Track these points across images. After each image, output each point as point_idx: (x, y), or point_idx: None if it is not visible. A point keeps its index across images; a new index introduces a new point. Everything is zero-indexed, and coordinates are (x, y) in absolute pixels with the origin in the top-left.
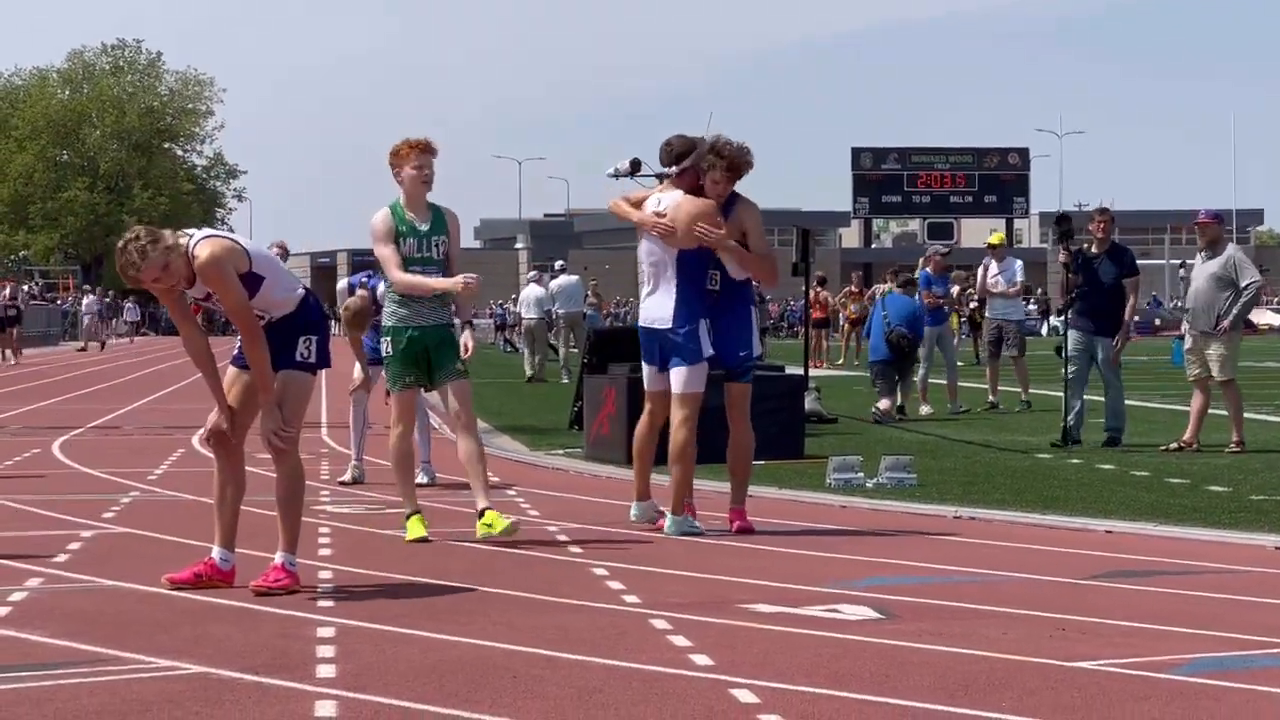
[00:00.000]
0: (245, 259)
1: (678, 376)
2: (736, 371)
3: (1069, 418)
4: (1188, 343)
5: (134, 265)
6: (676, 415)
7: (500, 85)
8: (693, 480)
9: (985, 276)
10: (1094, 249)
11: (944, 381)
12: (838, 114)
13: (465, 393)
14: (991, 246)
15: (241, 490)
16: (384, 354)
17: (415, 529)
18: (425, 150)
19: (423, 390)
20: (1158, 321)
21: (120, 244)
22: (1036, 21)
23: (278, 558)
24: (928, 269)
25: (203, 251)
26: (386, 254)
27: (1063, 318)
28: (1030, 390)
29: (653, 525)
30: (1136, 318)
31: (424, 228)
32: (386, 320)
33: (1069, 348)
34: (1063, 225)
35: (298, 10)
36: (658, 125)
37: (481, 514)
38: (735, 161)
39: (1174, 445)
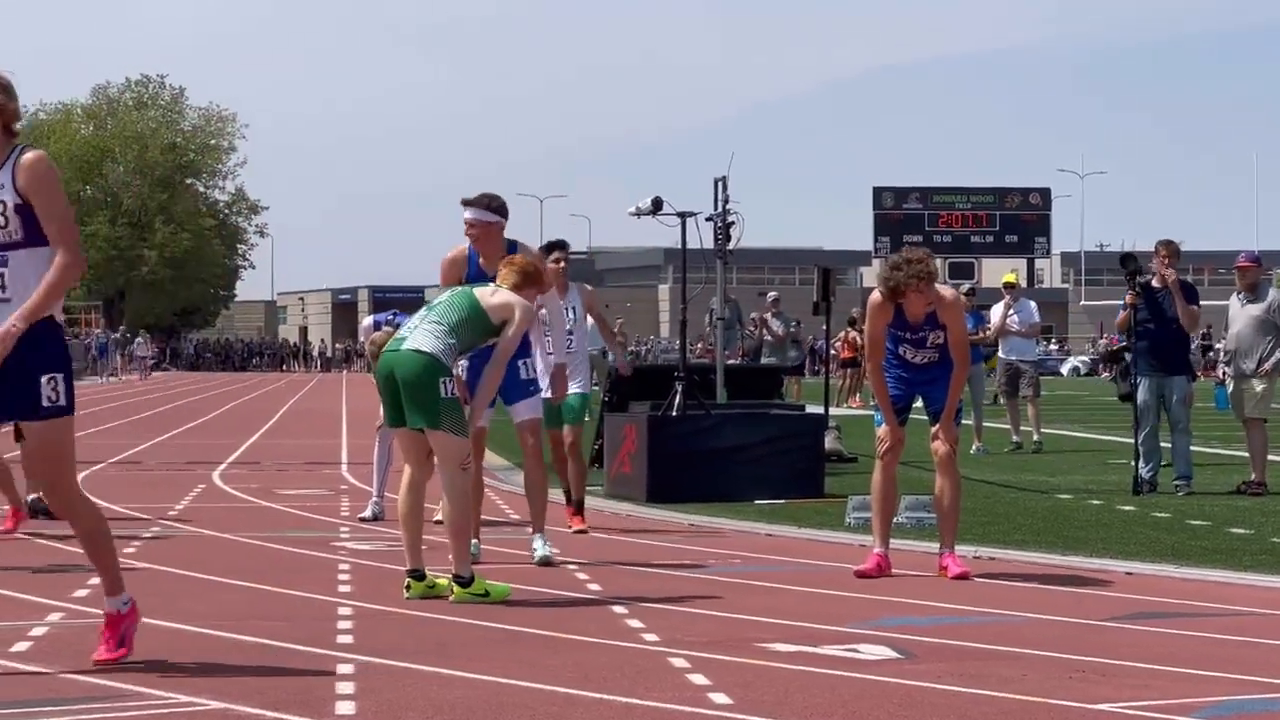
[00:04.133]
0: None
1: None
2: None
3: (1144, 467)
4: (1230, 386)
5: None
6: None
7: (522, 124)
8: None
9: (1002, 316)
10: (1156, 283)
11: (969, 422)
12: (859, 153)
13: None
14: (1007, 286)
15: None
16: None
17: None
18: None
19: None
20: None
21: None
22: (1058, 62)
23: (107, 605)
24: None
25: (34, 153)
26: None
27: (1115, 363)
28: (1043, 430)
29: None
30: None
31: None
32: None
33: (1141, 394)
34: (1129, 265)
35: (322, 48)
36: (680, 164)
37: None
38: (898, 287)
39: (1249, 485)
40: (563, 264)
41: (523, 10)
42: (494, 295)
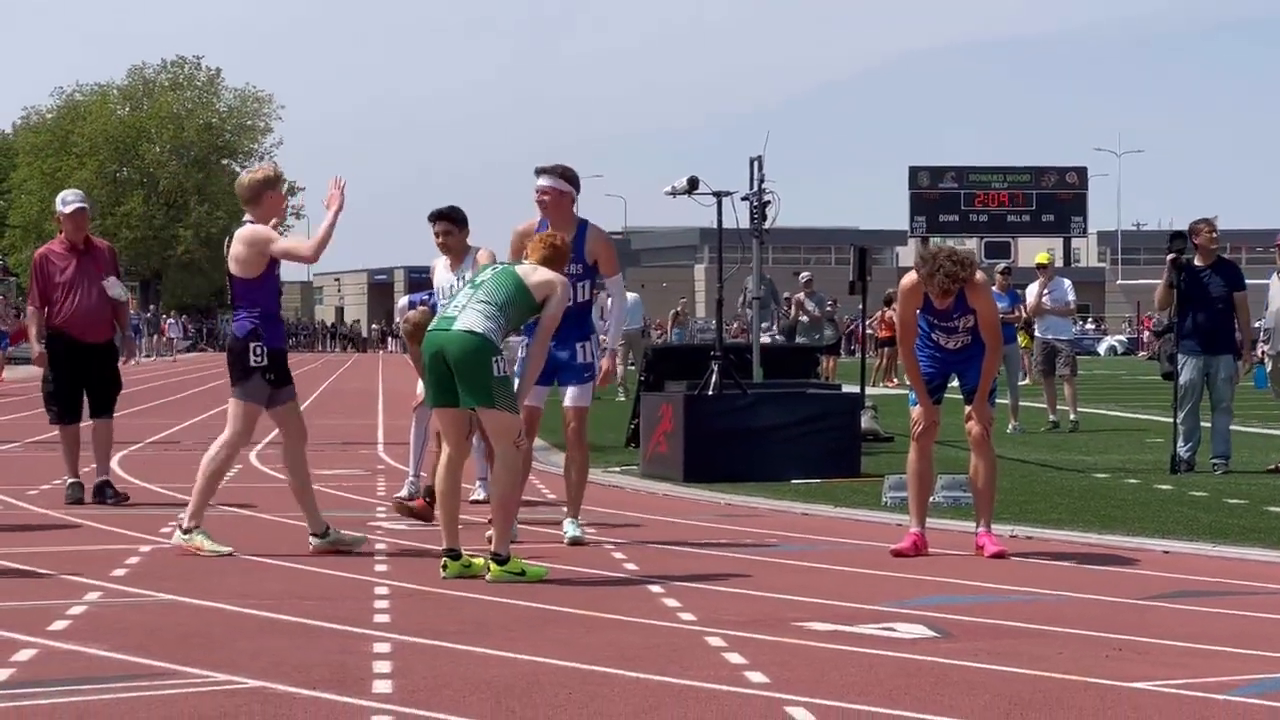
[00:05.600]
0: None
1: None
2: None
3: (1182, 446)
4: (1269, 365)
5: None
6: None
7: (559, 104)
8: None
9: (1037, 296)
10: (1199, 261)
11: (1005, 401)
12: (895, 133)
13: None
14: (1040, 265)
15: None
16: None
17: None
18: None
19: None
20: None
21: None
22: (1095, 42)
23: None
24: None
25: None
26: None
27: (1161, 338)
28: (1079, 409)
29: None
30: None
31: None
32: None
33: (1186, 373)
34: (1177, 243)
35: (358, 30)
36: (716, 144)
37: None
38: (931, 272)
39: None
40: (442, 238)
41: None
42: (535, 274)
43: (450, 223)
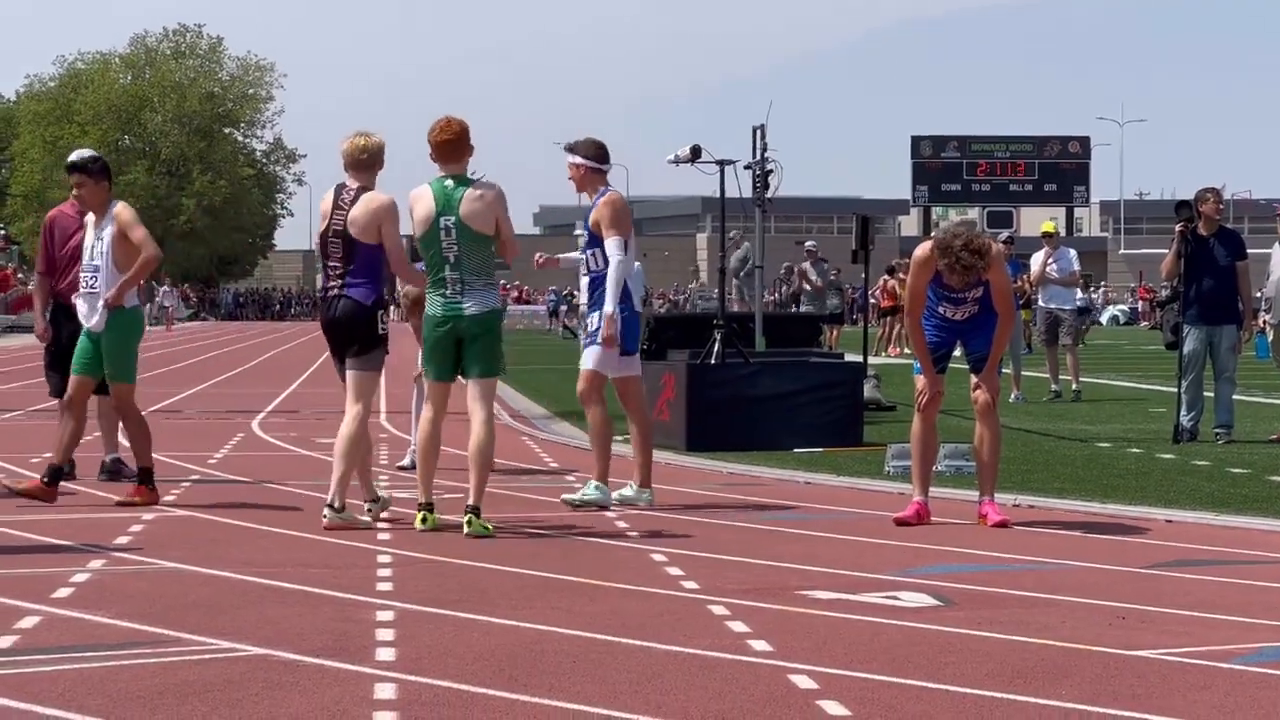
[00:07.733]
0: None
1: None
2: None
3: (1185, 416)
4: (1270, 335)
5: None
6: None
7: (560, 71)
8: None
9: (1042, 266)
10: (1203, 230)
11: (1008, 370)
12: (898, 102)
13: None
14: (1045, 235)
15: None
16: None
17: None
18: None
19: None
20: None
21: None
22: (1098, 10)
23: None
24: None
25: None
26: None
27: (1164, 308)
28: (1081, 379)
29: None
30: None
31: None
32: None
33: (1189, 343)
34: (1184, 212)
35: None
36: (718, 113)
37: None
38: (951, 264)
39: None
40: (74, 190)
41: None
42: (470, 201)
43: (84, 174)
